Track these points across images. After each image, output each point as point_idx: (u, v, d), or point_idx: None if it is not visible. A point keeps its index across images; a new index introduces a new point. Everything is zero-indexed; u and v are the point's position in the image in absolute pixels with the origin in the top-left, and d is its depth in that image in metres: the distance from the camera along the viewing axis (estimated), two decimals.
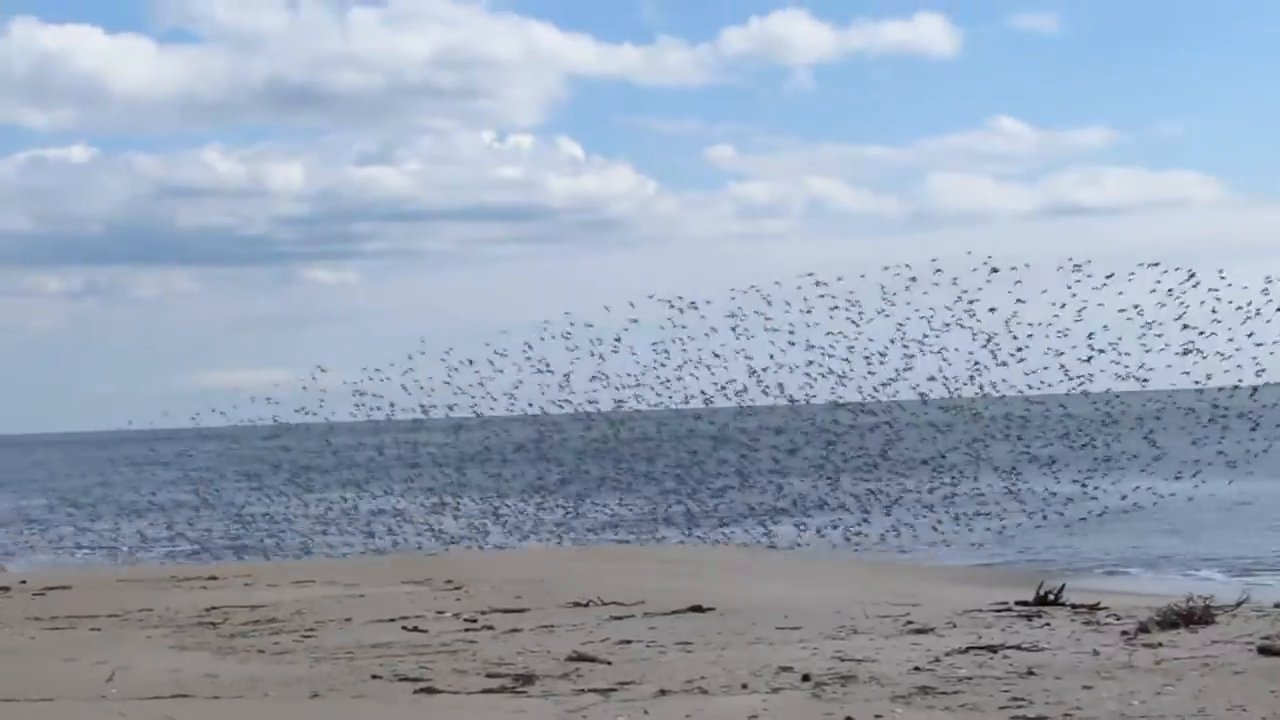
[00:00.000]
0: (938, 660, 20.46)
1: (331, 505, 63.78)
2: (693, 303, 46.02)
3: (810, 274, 45.65)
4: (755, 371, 47.06)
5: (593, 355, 47.36)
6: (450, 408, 49.91)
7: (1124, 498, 49.18)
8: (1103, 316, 44.09)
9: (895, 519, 50.87)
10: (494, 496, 61.07)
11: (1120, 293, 43.43)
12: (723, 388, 47.98)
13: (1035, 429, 52.01)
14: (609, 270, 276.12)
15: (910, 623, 24.57)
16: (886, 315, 45.51)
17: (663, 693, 18.20)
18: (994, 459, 53.22)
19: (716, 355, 47.13)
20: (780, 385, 47.19)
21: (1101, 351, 43.96)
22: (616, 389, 48.34)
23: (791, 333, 46.06)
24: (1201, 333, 42.57)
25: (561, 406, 49.99)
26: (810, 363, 46.22)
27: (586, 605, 27.56)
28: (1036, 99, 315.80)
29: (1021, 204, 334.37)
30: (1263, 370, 42.64)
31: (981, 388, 46.20)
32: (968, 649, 21.30)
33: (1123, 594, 31.71)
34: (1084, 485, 48.98)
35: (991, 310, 44.00)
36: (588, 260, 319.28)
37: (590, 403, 49.56)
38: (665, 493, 59.99)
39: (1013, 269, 43.44)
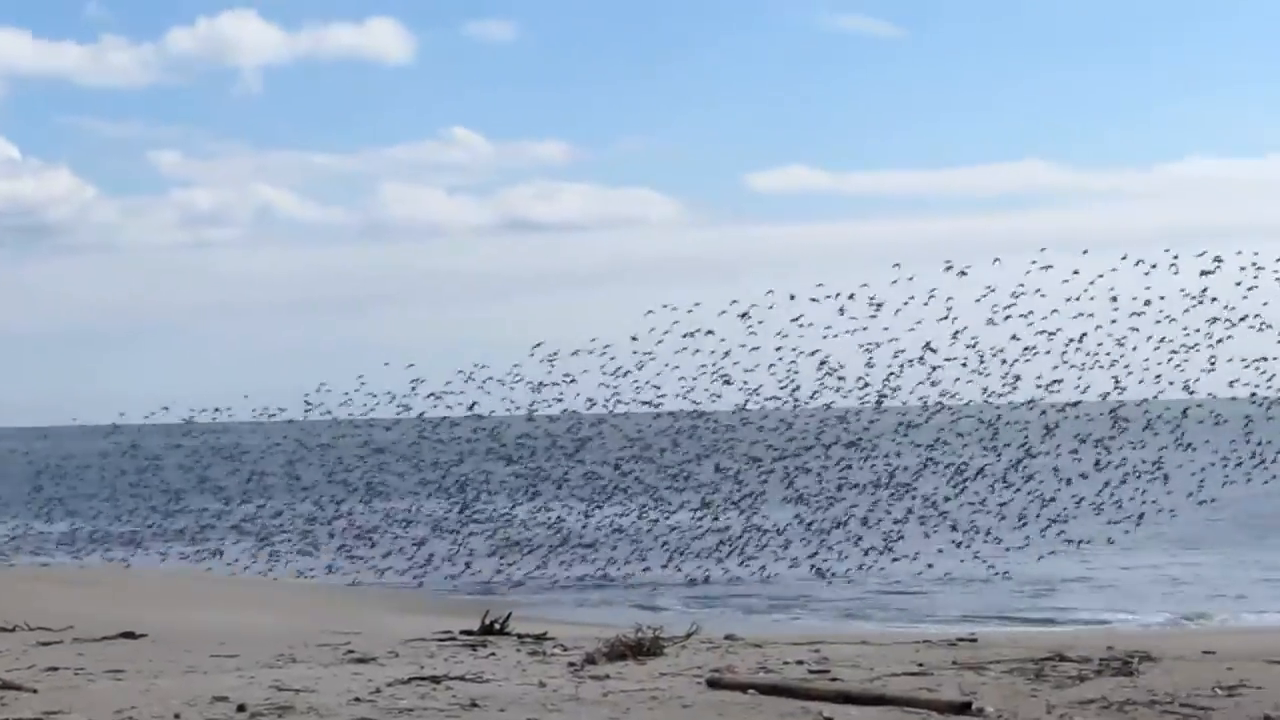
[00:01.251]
0: (379, 691, 20.47)
1: None
2: None
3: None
4: None
5: None
6: None
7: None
8: None
9: (342, 541, 51.01)
10: None
11: None
12: None
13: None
14: (48, 277, 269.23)
15: (351, 651, 24.81)
16: None
17: None
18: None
19: None
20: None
21: None
22: None
23: None
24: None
25: None
26: None
27: (12, 630, 27.09)
28: (493, 110, 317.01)
29: (477, 217, 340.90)
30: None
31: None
32: (410, 679, 21.40)
33: (571, 623, 32.51)
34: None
35: None
36: (27, 267, 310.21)
37: None
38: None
39: None
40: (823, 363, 42.05)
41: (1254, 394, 43.49)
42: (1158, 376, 43.26)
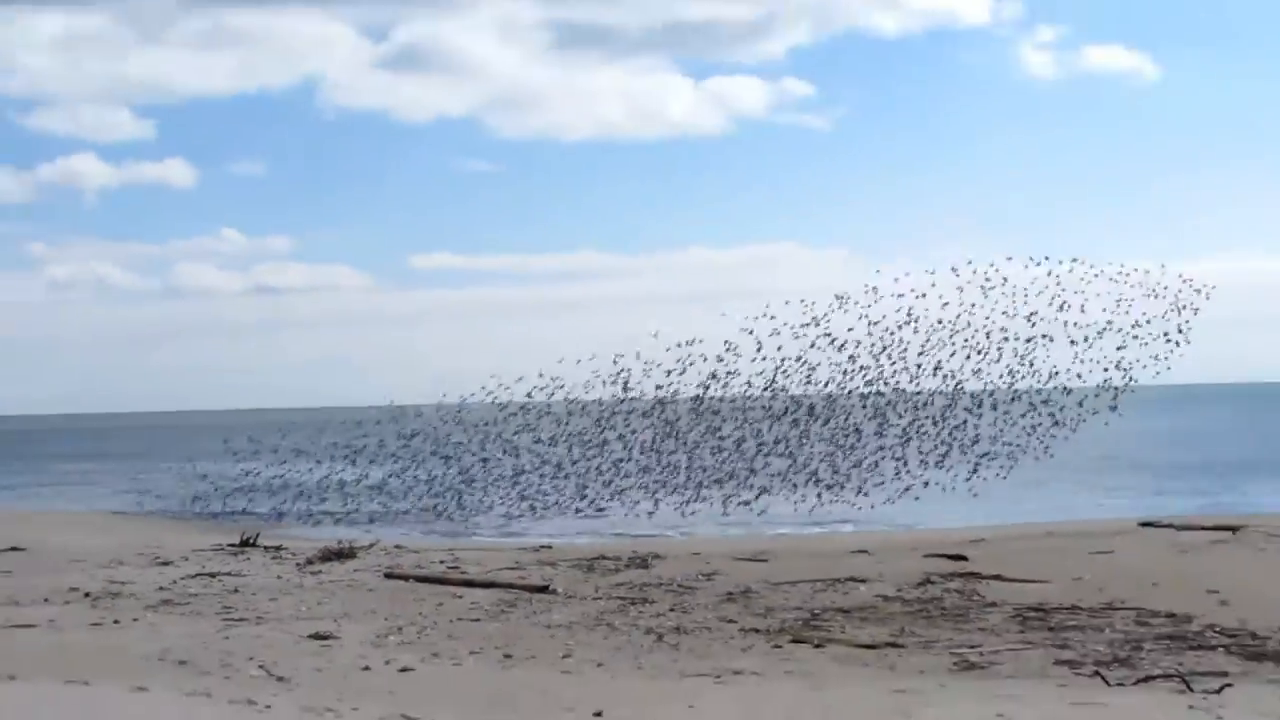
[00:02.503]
0: (175, 582, 26.43)
1: None
2: None
3: None
4: None
5: None
6: None
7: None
8: None
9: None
10: None
11: None
12: None
13: None
14: None
15: (158, 558, 30.71)
16: None
17: None
18: None
19: None
20: None
21: None
22: None
23: None
24: None
25: None
26: None
27: None
28: (249, 217, 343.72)
29: (236, 285, 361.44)
30: None
31: None
32: (196, 575, 27.61)
33: (301, 539, 38.12)
34: None
35: None
36: None
37: None
38: None
39: None
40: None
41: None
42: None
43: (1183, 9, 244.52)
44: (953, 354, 37.36)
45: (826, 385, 37.70)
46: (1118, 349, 36.94)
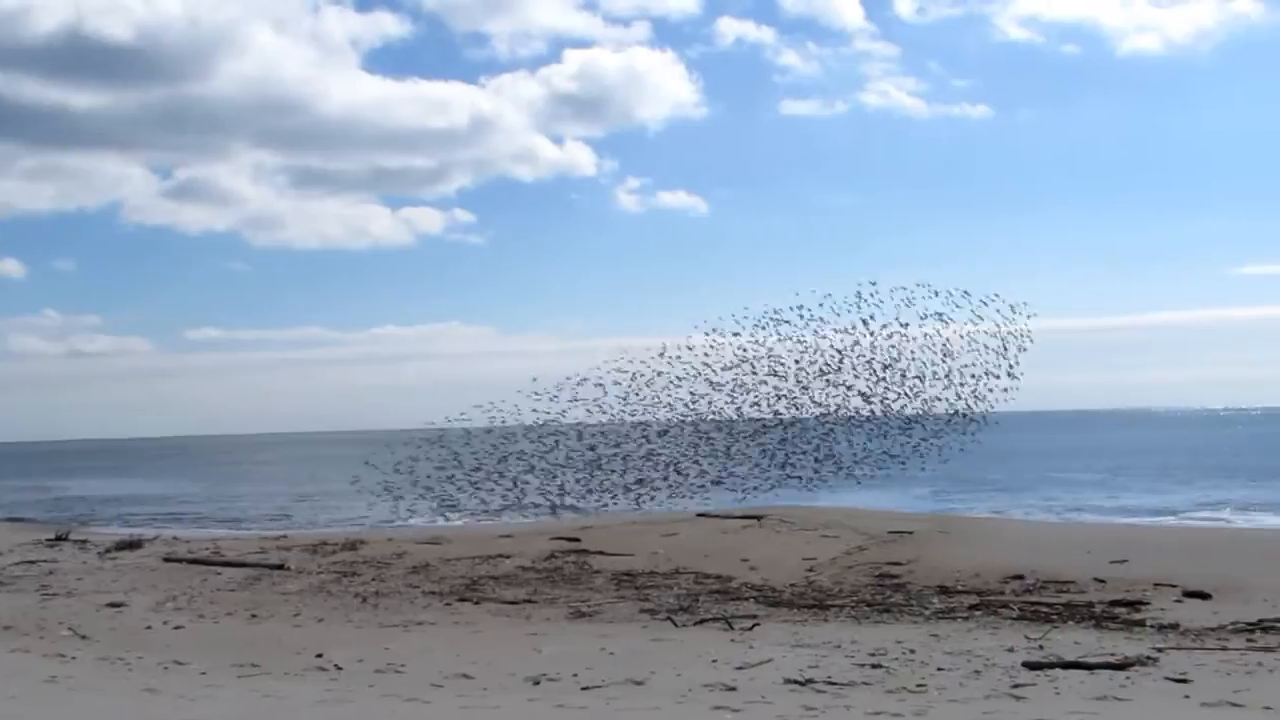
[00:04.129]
0: (3, 569, 25.17)
1: None
2: None
3: None
4: None
5: None
6: None
7: None
8: None
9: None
10: None
11: None
12: None
13: None
14: None
15: None
16: None
17: None
18: None
19: None
20: None
21: None
22: None
23: None
24: None
25: None
26: None
27: None
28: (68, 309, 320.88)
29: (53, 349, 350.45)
30: None
31: None
32: (19, 563, 26.42)
33: (105, 534, 34.86)
34: None
35: None
36: None
37: None
38: None
39: None
40: None
41: None
42: None
43: (724, 166, 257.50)
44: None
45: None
46: None
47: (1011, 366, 28.88)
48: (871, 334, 29.22)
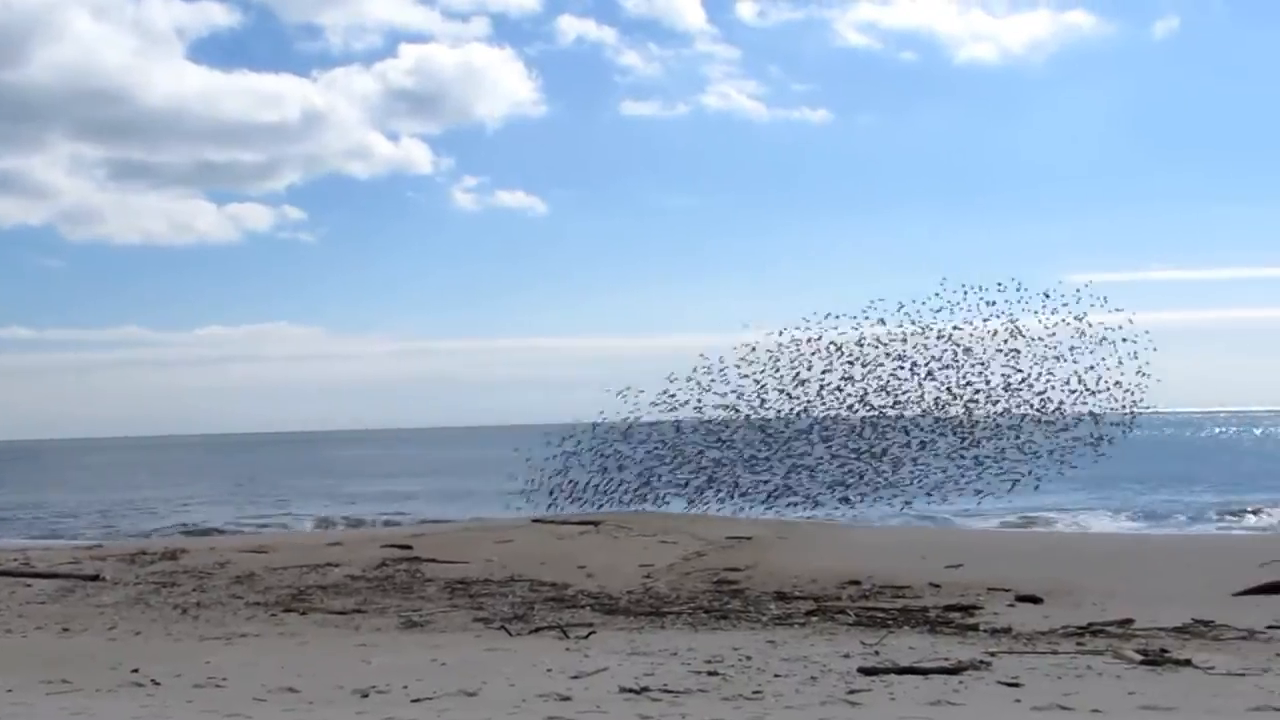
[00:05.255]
0: None
1: None
2: None
3: None
4: None
5: None
6: None
7: None
8: None
9: None
10: None
11: None
12: None
13: None
14: None
15: None
16: None
17: None
18: None
19: None
20: None
21: None
22: None
23: None
24: None
25: None
26: None
27: None
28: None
29: None
30: None
31: None
32: None
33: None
34: None
35: None
36: None
37: None
38: None
39: None
40: None
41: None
42: None
43: (563, 166, 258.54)
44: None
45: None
46: None
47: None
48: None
